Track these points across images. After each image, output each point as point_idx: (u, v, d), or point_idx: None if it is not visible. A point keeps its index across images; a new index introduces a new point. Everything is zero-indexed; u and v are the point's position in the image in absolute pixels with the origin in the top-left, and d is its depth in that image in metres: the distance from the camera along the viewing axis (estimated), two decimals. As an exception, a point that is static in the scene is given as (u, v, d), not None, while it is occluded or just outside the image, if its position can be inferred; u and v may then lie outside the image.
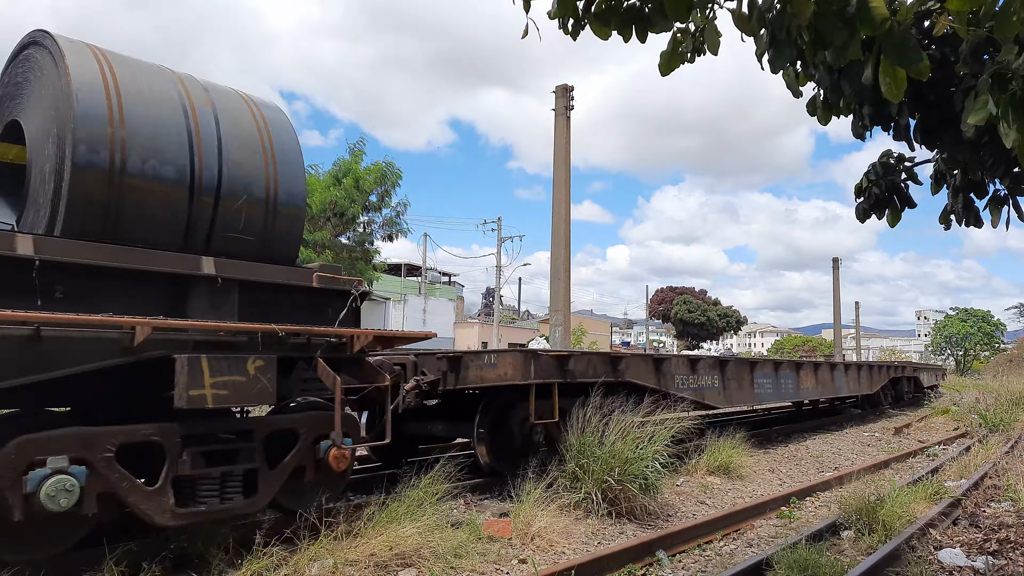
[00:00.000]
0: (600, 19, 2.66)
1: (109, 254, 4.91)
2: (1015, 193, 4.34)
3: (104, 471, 4.56)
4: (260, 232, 5.91)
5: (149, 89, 5.45)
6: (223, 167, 5.63)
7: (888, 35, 2.30)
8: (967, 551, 6.02)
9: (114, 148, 5.03)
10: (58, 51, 5.12)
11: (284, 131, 6.30)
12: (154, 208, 5.29)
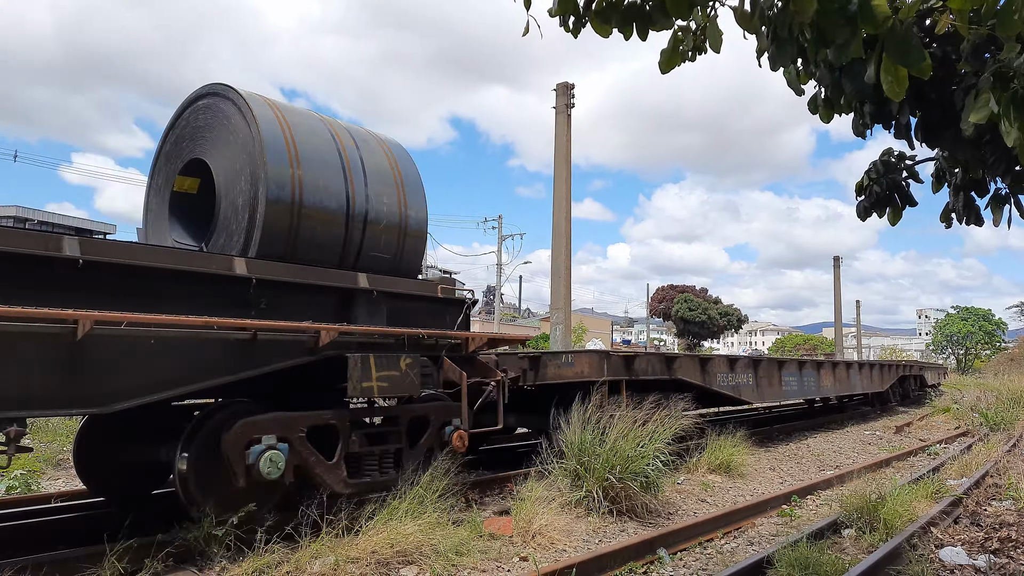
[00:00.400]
0: (601, 17, 2.65)
1: (296, 272, 6.09)
2: (1016, 192, 4.33)
3: (299, 448, 5.70)
4: (394, 251, 7.18)
5: (311, 133, 6.66)
6: (369, 197, 6.89)
7: (890, 33, 2.30)
8: (968, 549, 6.02)
9: (294, 185, 6.22)
10: (244, 104, 6.28)
11: (409, 164, 7.60)
12: (321, 233, 6.48)
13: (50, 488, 8.48)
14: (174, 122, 7.01)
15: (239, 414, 5.48)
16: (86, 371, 4.54)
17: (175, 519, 5.54)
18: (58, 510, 6.70)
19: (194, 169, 6.78)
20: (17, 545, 5.46)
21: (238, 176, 6.25)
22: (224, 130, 6.45)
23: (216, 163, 6.52)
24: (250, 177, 6.11)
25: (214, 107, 6.62)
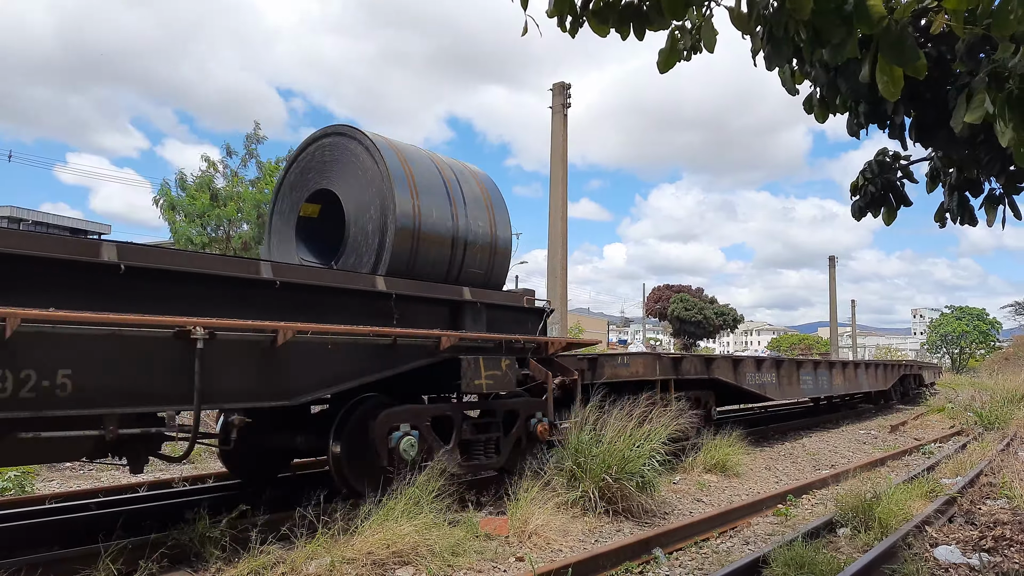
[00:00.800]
0: (598, 17, 2.66)
1: (420, 287, 7.13)
2: (1010, 192, 4.35)
3: (426, 434, 6.77)
4: (485, 267, 8.26)
5: (423, 167, 7.74)
6: (468, 221, 7.96)
7: (885, 33, 2.31)
8: (963, 548, 6.04)
9: (415, 214, 7.28)
10: (371, 144, 7.39)
11: (495, 191, 8.73)
12: (433, 254, 7.53)
13: (44, 489, 8.46)
14: (298, 155, 8.13)
15: (381, 406, 6.58)
16: (281, 370, 5.63)
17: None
18: (53, 511, 6.69)
19: (317, 197, 7.91)
20: (11, 546, 5.44)
21: (368, 206, 7.36)
22: (352, 165, 7.56)
23: (345, 194, 7.59)
24: (380, 207, 7.23)
25: (340, 145, 7.71)
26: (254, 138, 19.35)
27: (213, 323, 5.02)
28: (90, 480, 9.44)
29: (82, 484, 8.98)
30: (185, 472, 9.63)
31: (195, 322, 4.87)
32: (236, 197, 17.97)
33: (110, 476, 9.79)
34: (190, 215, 17.77)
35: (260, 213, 17.46)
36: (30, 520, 6.19)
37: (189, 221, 17.81)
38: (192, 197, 17.79)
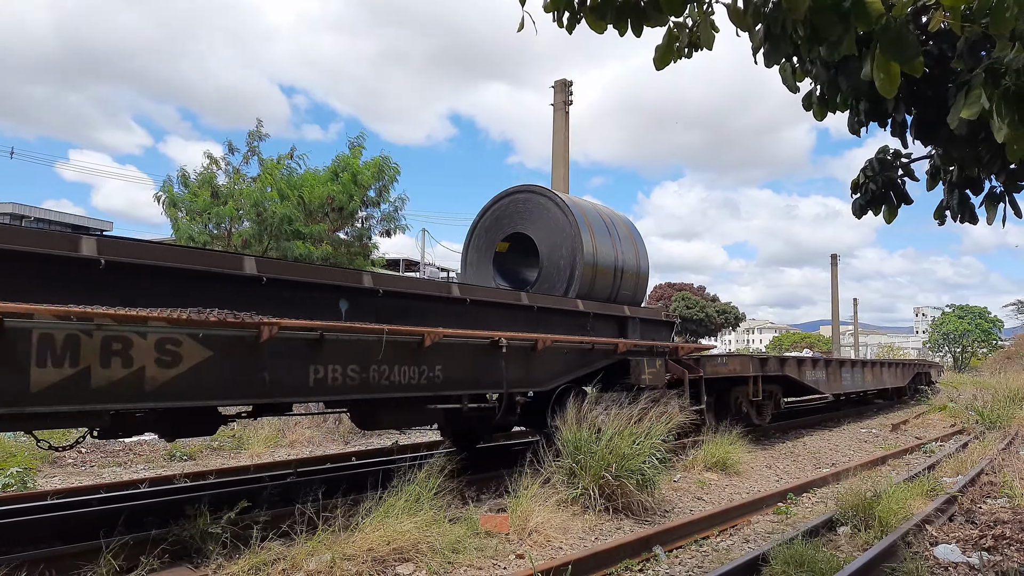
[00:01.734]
0: (596, 13, 2.65)
1: (601, 307, 9.62)
2: (1011, 190, 4.34)
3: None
4: (633, 290, 10.66)
5: (594, 216, 10.26)
6: (623, 255, 10.44)
7: (884, 30, 2.31)
8: (963, 547, 6.04)
9: (594, 252, 9.75)
10: (561, 201, 9.90)
11: (636, 230, 11.23)
12: (603, 281, 9.99)
13: (46, 486, 8.49)
14: (491, 206, 10.67)
15: (580, 393, 8.49)
16: (538, 366, 8.11)
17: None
18: (54, 507, 6.71)
19: (508, 238, 10.51)
20: (13, 542, 5.46)
21: (559, 247, 9.82)
22: (544, 216, 10.09)
23: (538, 237, 10.10)
24: (570, 248, 9.71)
25: (532, 200, 10.28)
26: (256, 135, 19.33)
27: (508, 335, 7.56)
28: (92, 476, 9.47)
29: (84, 480, 9.01)
30: (187, 468, 9.67)
31: (500, 335, 7.45)
32: (236, 195, 17.96)
33: (112, 473, 9.82)
34: (192, 212, 17.77)
35: (260, 211, 17.45)
36: (32, 516, 6.22)
37: (191, 218, 17.80)
38: (194, 194, 17.79)
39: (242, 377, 5.33)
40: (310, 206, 18.40)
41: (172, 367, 4.89)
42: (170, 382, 4.87)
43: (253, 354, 5.36)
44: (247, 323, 5.16)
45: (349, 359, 6.04)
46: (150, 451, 11.19)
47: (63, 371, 4.37)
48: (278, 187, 18.02)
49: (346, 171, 19.26)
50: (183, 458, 10.85)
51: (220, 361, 5.16)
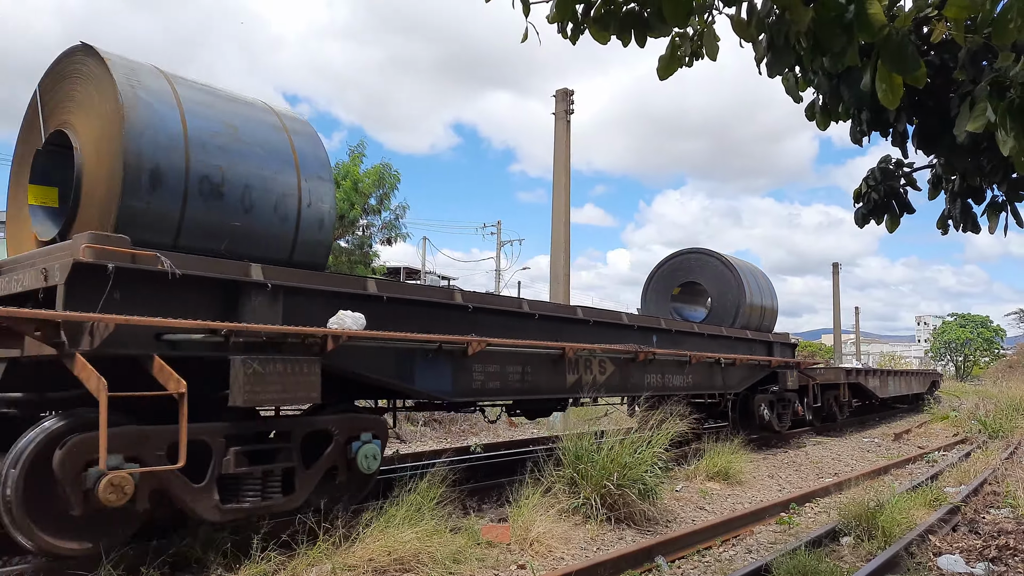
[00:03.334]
0: (599, 23, 2.66)
1: (758, 335, 13.82)
2: (1013, 199, 4.34)
3: (775, 404, 13.88)
4: (771, 321, 14.93)
5: (749, 269, 14.51)
6: (764, 297, 14.50)
7: (886, 41, 2.31)
8: (967, 557, 6.01)
9: (751, 296, 13.80)
10: (728, 261, 14.04)
11: (767, 277, 15.36)
12: (755, 316, 14.05)
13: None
14: (666, 261, 14.96)
15: (755, 393, 13.28)
16: (720, 376, 11.90)
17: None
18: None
19: (681, 285, 14.71)
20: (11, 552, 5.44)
21: (725, 295, 13.96)
22: (713, 270, 14.29)
23: (708, 285, 14.30)
24: (735, 294, 13.83)
25: (703, 259, 14.52)
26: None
27: (724, 356, 11.89)
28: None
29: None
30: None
31: (721, 356, 11.76)
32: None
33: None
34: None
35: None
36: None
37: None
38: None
39: (623, 380, 9.63)
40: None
41: (604, 374, 9.13)
42: (604, 381, 9.17)
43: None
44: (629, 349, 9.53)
45: (664, 370, 10.47)
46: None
47: (575, 376, 8.59)
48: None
49: (347, 179, 19.29)
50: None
51: (616, 372, 9.40)
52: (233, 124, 6.09)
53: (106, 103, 5.53)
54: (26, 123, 6.53)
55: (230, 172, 5.88)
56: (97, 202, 5.49)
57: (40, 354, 4.74)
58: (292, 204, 6.30)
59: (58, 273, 4.70)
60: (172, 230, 5.57)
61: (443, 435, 14.55)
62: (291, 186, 6.32)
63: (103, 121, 5.55)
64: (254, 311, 5.48)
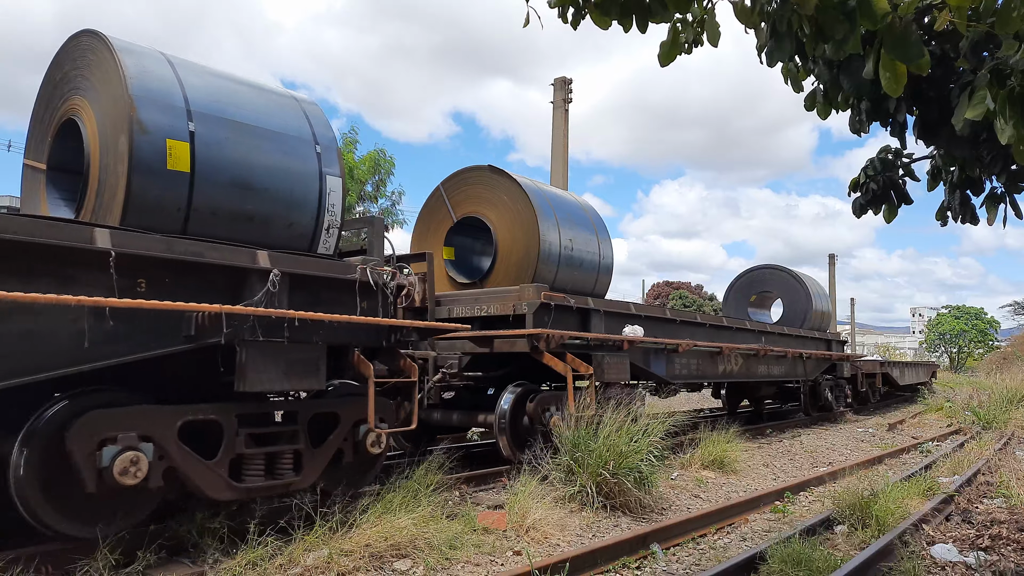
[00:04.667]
0: (600, 8, 2.64)
1: (821, 333, 17.65)
2: (1012, 191, 4.34)
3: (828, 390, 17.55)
4: (828, 322, 18.35)
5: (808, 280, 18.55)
6: (822, 302, 17.99)
7: (889, 29, 2.30)
8: (960, 547, 6.05)
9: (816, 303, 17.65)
10: (799, 276, 17.92)
11: (822, 288, 18.84)
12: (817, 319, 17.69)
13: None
14: (745, 274, 18.37)
15: (820, 382, 16.62)
16: (810, 367, 15.65)
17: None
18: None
19: (758, 295, 18.15)
20: (7, 537, 5.44)
21: (795, 303, 17.44)
22: (784, 283, 17.77)
23: (782, 295, 17.83)
24: (804, 304, 17.24)
25: (775, 273, 17.99)
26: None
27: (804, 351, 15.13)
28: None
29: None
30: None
31: (804, 352, 15.12)
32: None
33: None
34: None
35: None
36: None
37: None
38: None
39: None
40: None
41: (737, 365, 12.55)
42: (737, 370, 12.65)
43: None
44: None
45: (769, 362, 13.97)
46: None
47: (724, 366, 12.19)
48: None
49: (344, 166, 19.24)
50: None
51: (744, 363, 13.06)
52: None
53: (517, 205, 9.75)
54: (428, 208, 10.70)
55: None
56: (513, 265, 9.79)
57: (512, 351, 8.41)
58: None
59: (526, 307, 8.55)
60: (552, 281, 9.70)
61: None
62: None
63: (512, 215, 9.77)
64: (594, 327, 9.44)
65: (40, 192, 6.24)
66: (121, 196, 5.12)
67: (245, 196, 5.72)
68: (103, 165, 5.42)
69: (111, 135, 5.35)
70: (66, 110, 5.90)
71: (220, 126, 5.64)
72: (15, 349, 4.26)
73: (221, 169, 5.57)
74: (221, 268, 5.25)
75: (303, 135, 6.26)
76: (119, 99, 5.27)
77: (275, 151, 5.98)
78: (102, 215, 5.30)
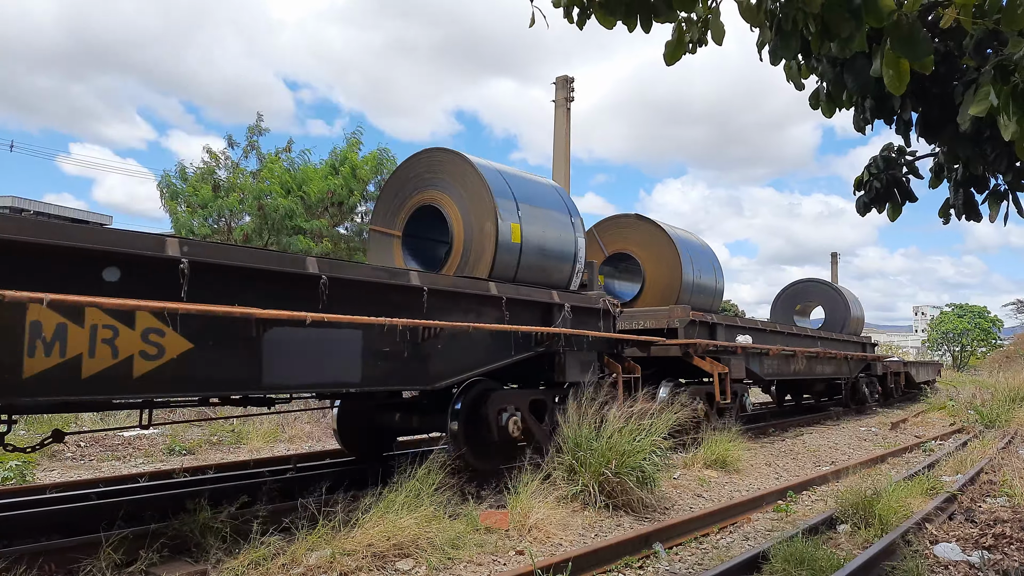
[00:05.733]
0: (605, 8, 2.63)
1: (858, 337, 20.24)
2: (1016, 188, 4.33)
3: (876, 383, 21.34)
4: (856, 327, 20.36)
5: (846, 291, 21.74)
6: (857, 309, 21.02)
7: (895, 27, 2.29)
8: (963, 546, 6.04)
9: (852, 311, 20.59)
10: (837, 287, 21.59)
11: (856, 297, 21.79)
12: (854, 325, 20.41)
13: (45, 479, 8.48)
14: (790, 286, 21.43)
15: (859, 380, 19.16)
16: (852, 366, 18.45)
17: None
18: (54, 500, 6.70)
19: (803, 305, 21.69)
20: (13, 535, 5.45)
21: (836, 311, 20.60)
22: (824, 293, 21.21)
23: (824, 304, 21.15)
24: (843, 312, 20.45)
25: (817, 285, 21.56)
26: (256, 130, 19.29)
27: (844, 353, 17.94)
28: (91, 470, 9.46)
29: (83, 474, 9.00)
30: (186, 463, 9.67)
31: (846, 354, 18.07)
32: (238, 188, 17.92)
33: (110, 467, 9.82)
34: (192, 206, 17.73)
35: (261, 205, 17.40)
36: (31, 509, 6.20)
37: (191, 212, 17.77)
38: (194, 188, 17.77)
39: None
40: (309, 201, 18.37)
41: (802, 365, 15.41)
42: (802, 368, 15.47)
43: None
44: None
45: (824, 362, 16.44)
46: (149, 445, 11.19)
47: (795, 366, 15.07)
48: (282, 180, 17.97)
49: (345, 164, 19.21)
50: (182, 452, 10.84)
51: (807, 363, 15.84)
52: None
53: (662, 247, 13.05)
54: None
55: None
56: (659, 292, 12.90)
57: (665, 355, 11.13)
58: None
59: (677, 322, 11.25)
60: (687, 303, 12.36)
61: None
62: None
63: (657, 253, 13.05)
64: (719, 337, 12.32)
65: (394, 251, 8.92)
66: (488, 260, 7.91)
67: (542, 255, 8.51)
68: (466, 239, 8.16)
69: (475, 221, 8.07)
70: (421, 199, 8.61)
71: (528, 211, 8.39)
72: (462, 355, 7.03)
73: (531, 239, 8.32)
74: (538, 303, 8.08)
75: (563, 210, 9.08)
76: (482, 198, 8.01)
77: (554, 224, 8.77)
78: (468, 272, 8.03)
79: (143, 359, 4.47)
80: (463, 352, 6.97)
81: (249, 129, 19.35)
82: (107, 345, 4.32)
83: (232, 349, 4.94)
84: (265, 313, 4.85)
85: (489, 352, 7.25)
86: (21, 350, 4.01)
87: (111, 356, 4.34)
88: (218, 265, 4.92)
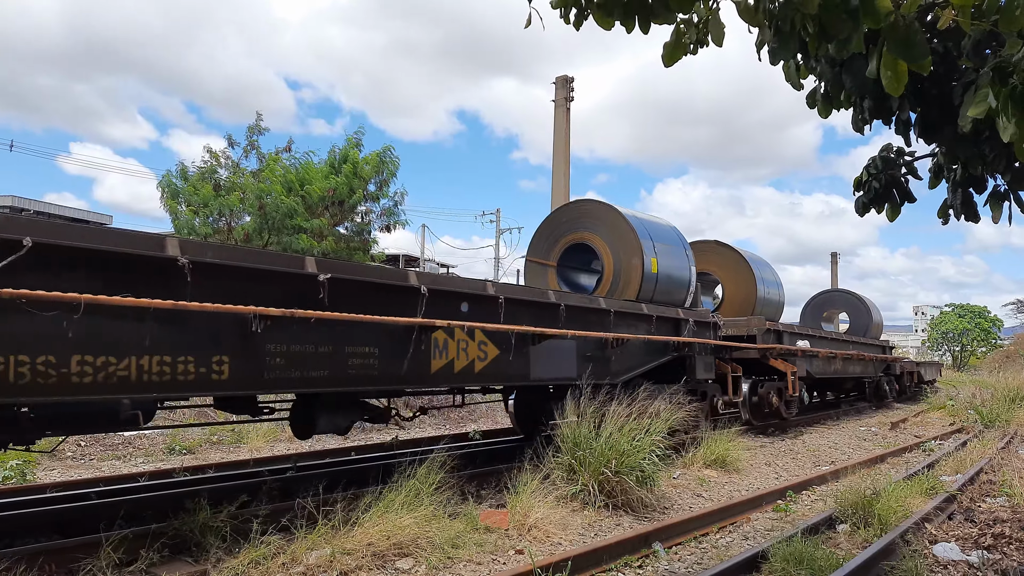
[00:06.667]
0: (603, 9, 2.64)
1: (880, 342, 23.50)
2: (1016, 188, 4.33)
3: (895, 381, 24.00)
4: (877, 332, 23.81)
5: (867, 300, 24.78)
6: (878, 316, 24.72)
7: (892, 28, 2.29)
8: (962, 545, 6.04)
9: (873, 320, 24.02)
10: (862, 297, 24.29)
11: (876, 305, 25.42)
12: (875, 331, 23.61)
13: (45, 479, 8.49)
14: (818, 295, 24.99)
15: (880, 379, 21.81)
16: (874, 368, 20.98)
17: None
18: (54, 500, 6.70)
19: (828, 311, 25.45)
20: (13, 535, 5.46)
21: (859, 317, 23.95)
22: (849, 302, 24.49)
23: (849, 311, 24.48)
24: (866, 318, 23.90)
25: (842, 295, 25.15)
26: (256, 129, 19.29)
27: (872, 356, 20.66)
28: (91, 470, 9.47)
29: (83, 473, 9.00)
30: (186, 462, 9.67)
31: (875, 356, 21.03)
32: (239, 187, 17.92)
33: (110, 466, 9.82)
34: (193, 205, 17.74)
35: (262, 204, 17.39)
36: (31, 509, 6.21)
37: (192, 211, 17.78)
38: (194, 187, 17.77)
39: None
40: (310, 200, 18.35)
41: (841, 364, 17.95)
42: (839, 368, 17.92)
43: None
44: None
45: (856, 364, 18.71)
46: (149, 444, 11.20)
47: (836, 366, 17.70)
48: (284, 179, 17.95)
49: (347, 162, 19.20)
50: (182, 452, 10.85)
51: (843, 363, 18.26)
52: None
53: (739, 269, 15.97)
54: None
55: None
56: (736, 305, 15.67)
57: (746, 357, 12.77)
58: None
59: (756, 330, 13.28)
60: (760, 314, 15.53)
61: (441, 422, 14.59)
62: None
63: (735, 273, 15.98)
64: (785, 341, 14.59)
65: (548, 278, 11.27)
66: (635, 287, 10.31)
67: (670, 281, 10.83)
68: (615, 269, 10.59)
69: (623, 256, 10.51)
70: (574, 238, 11.14)
71: (661, 247, 10.74)
72: (629, 359, 9.24)
73: (663, 269, 10.64)
74: (671, 319, 10.24)
75: (680, 244, 11.49)
76: (629, 239, 10.47)
77: (676, 257, 11.14)
78: (617, 295, 10.26)
79: (479, 361, 6.99)
80: (630, 356, 9.23)
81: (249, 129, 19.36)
82: (464, 352, 6.83)
83: (519, 354, 7.44)
84: (536, 330, 7.50)
85: (644, 356, 9.56)
86: (430, 355, 6.46)
87: (466, 359, 6.86)
88: (516, 300, 7.48)
